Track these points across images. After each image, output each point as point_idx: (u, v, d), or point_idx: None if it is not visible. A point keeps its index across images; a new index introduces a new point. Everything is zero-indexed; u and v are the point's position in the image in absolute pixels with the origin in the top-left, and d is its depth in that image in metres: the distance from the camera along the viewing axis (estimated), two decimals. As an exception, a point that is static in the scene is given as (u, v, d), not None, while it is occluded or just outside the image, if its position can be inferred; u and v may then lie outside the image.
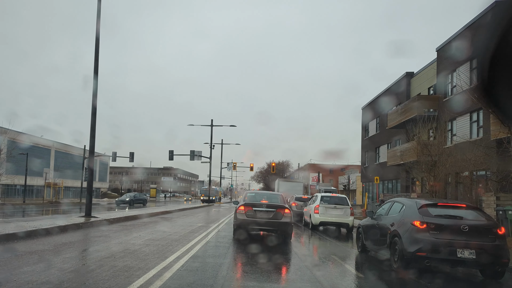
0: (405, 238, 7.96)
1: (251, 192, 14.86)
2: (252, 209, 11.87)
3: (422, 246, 7.65)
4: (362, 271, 8.76)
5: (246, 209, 11.91)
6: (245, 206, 12.01)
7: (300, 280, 6.93)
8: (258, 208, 11.85)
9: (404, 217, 8.45)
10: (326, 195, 18.17)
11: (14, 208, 31.15)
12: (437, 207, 8.49)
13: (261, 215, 11.77)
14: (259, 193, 15.10)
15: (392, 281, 7.92)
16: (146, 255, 8.42)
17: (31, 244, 9.15)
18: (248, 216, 11.81)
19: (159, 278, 6.18)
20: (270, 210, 11.79)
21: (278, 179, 40.92)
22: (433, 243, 7.60)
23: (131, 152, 47.09)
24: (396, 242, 8.27)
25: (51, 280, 5.66)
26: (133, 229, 13.48)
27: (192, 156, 46.57)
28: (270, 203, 12.15)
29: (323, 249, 12.53)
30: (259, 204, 12.05)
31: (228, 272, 7.16)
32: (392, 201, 9.83)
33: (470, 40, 22.05)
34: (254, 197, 13.26)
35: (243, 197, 13.62)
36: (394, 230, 8.47)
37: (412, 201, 8.86)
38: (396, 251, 8.26)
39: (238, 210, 12.10)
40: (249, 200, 12.69)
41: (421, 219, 7.93)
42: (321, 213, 16.94)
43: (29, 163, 44.90)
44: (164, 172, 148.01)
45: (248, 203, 12.20)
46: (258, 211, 11.80)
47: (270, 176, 78.99)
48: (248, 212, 11.84)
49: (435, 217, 8.01)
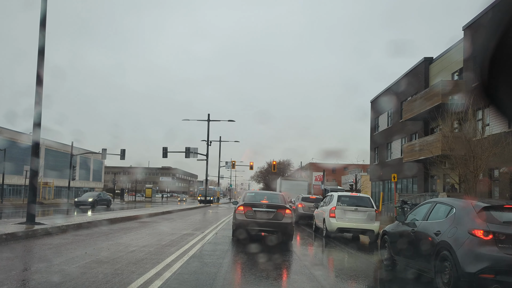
0: (461, 253, 5.97)
1: (250, 192, 14.53)
2: (252, 209, 11.64)
3: (488, 264, 5.69)
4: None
5: (245, 209, 11.67)
6: (244, 206, 11.75)
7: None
8: (258, 209, 11.61)
9: (457, 223, 6.45)
10: (344, 195, 15.17)
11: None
12: (504, 210, 6.47)
13: (261, 216, 11.53)
14: (259, 193, 14.78)
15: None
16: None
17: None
18: (247, 216, 11.57)
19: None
20: (270, 210, 11.55)
21: (280, 177, 37.51)
22: (505, 261, 5.64)
23: (122, 149, 43.82)
24: (446, 258, 6.28)
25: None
26: (87, 242, 10.07)
27: (188, 153, 43.25)
28: (271, 203, 11.90)
29: (341, 263, 10.20)
30: (259, 204, 11.79)
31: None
32: (432, 202, 7.84)
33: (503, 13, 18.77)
34: (254, 197, 13.00)
35: (243, 197, 13.38)
36: (441, 242, 6.48)
37: (465, 202, 6.83)
38: (446, 270, 6.26)
39: (237, 210, 11.80)
40: (248, 200, 12.45)
41: (485, 227, 5.96)
42: (339, 217, 13.87)
43: (12, 160, 41.65)
44: (163, 172, 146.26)
45: (247, 203, 11.95)
46: (258, 212, 11.58)
47: (271, 176, 77.67)
48: (248, 212, 11.61)
49: (504, 224, 6.06)
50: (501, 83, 1.57)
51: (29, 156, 12.31)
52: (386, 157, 34.36)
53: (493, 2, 2.15)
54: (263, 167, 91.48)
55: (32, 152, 11.21)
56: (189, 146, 42.52)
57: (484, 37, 1.54)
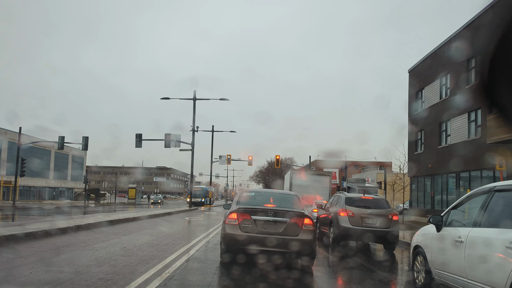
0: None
1: (249, 191, 9.70)
2: (251, 218, 7.66)
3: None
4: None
5: (240, 218, 7.67)
6: (239, 213, 7.71)
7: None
8: (259, 217, 7.64)
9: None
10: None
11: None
12: None
13: (264, 228, 7.61)
14: (262, 193, 10.12)
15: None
16: None
17: None
18: (243, 229, 7.59)
19: None
20: (280, 220, 7.65)
21: (290, 170, 27.54)
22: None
23: (85, 137, 34.10)
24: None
25: None
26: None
27: (168, 143, 33.59)
28: (280, 209, 7.98)
29: None
30: (261, 210, 7.85)
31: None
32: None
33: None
34: (254, 198, 8.91)
35: (237, 198, 8.85)
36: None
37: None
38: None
39: (228, 220, 7.73)
40: (246, 203, 8.34)
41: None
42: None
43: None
44: (161, 172, 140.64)
45: (244, 208, 7.87)
46: (259, 222, 7.64)
47: (272, 176, 71.67)
48: (244, 223, 7.64)
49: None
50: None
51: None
52: (437, 142, 24.71)
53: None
54: (263, 166, 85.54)
55: None
56: (169, 133, 32.87)
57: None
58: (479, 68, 1.56)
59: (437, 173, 24.51)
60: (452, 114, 22.58)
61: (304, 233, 7.77)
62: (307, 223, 7.89)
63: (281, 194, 10.48)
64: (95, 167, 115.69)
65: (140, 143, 33.49)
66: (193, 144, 34.27)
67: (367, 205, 11.41)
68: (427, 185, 26.40)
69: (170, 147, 33.25)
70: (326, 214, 12.57)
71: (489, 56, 1.48)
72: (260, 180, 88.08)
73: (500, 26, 1.41)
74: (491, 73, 1.51)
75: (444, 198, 23.83)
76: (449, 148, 23.17)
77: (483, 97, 1.60)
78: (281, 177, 66.29)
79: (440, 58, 24.70)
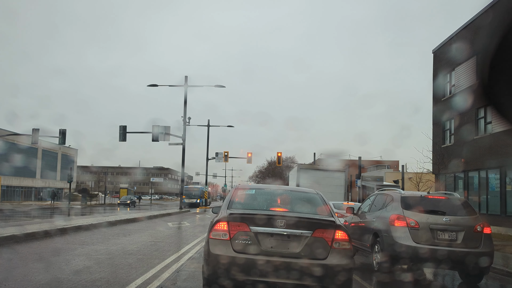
0: None
1: (247, 188, 6.87)
2: (250, 229, 4.82)
3: None
4: None
5: (233, 230, 4.84)
6: (231, 222, 4.90)
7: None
8: (264, 229, 4.84)
9: None
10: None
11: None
12: None
13: (272, 247, 4.83)
14: (266, 191, 6.50)
15: None
16: None
17: None
18: (238, 248, 4.80)
19: None
20: (297, 233, 4.85)
21: (298, 166, 23.20)
22: None
23: (61, 129, 30.09)
24: None
25: None
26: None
27: (156, 136, 29.58)
28: (296, 215, 5.18)
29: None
30: (266, 216, 4.98)
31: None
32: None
33: None
34: (255, 199, 5.98)
35: (229, 198, 5.76)
36: None
37: None
38: None
39: (214, 233, 4.88)
40: (242, 206, 5.56)
41: None
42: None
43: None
44: (159, 172, 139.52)
45: (240, 214, 5.11)
46: (264, 236, 4.85)
47: (273, 176, 68.86)
48: (239, 237, 4.83)
49: None
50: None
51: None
52: (473, 132, 20.65)
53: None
54: (263, 166, 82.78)
55: None
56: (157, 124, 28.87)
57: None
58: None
59: (473, 168, 20.47)
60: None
61: (337, 254, 4.99)
62: (340, 239, 5.08)
63: (295, 192, 6.84)
64: (94, 167, 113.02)
65: (125, 136, 29.52)
66: (184, 138, 30.20)
67: (439, 209, 7.12)
68: (459, 183, 22.35)
69: (159, 140, 29.27)
70: (363, 223, 8.50)
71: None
72: (260, 180, 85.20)
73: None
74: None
75: (483, 199, 19.77)
76: (490, 138, 19.12)
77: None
78: (281, 178, 62.57)
79: (477, 31, 20.69)
